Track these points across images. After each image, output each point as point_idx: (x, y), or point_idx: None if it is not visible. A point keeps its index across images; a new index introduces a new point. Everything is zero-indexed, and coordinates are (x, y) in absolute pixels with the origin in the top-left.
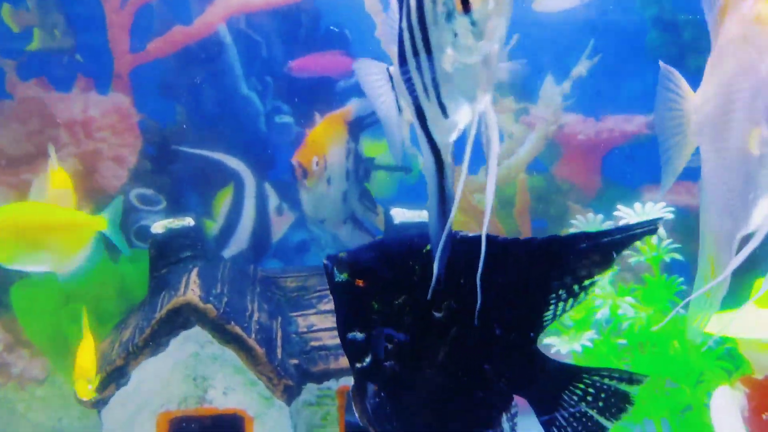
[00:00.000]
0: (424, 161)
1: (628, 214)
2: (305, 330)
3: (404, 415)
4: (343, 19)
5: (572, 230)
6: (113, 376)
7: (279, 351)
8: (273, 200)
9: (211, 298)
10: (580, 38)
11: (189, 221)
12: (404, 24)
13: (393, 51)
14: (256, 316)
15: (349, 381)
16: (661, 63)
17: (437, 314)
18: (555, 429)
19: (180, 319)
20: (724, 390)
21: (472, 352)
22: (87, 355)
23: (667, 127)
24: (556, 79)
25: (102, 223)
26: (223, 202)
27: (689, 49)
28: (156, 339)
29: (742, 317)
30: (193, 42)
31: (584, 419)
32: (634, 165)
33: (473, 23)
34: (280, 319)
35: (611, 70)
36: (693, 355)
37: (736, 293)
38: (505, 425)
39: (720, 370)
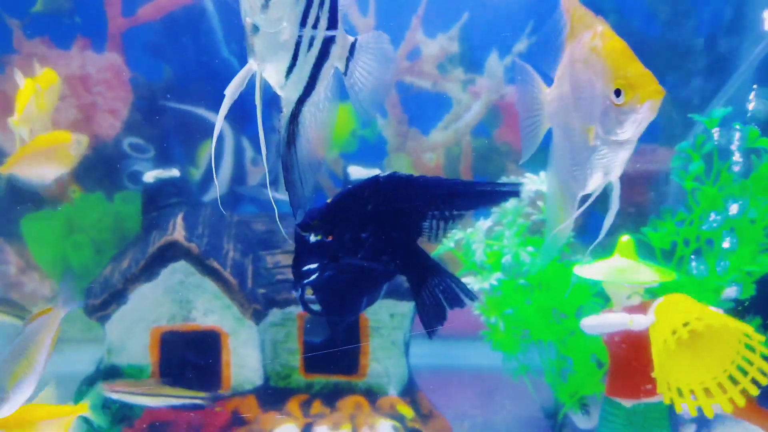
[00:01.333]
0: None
1: (533, 181)
2: (272, 266)
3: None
4: None
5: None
6: (114, 297)
7: (249, 282)
8: (249, 152)
9: (194, 238)
10: (522, 18)
11: (175, 172)
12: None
13: (358, 22)
14: (231, 253)
15: None
16: (516, 59)
17: (363, 234)
18: (419, 299)
19: (168, 254)
20: (591, 317)
21: (378, 248)
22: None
23: (527, 111)
24: (500, 54)
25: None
26: (205, 152)
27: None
28: (149, 269)
29: (606, 265)
30: (179, 8)
31: (436, 299)
32: None
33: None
34: (251, 256)
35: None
36: (576, 293)
37: (610, 246)
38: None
39: (594, 305)
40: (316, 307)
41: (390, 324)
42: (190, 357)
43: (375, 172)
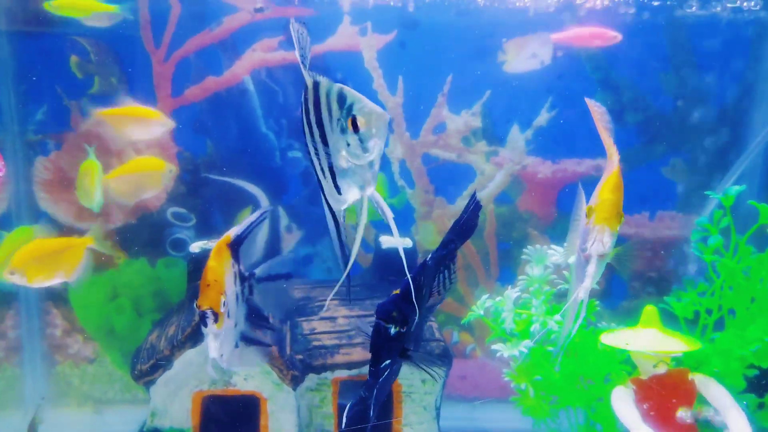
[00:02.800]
0: (327, 218)
1: (558, 252)
2: (308, 332)
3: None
4: (347, 72)
5: (523, 257)
6: (161, 363)
7: (288, 348)
8: (284, 220)
9: None
10: (541, 95)
11: None
12: (305, 118)
13: (387, 100)
14: (270, 322)
15: (341, 373)
16: (579, 186)
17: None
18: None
19: None
20: (619, 388)
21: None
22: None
23: (576, 215)
24: (521, 127)
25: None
26: (243, 220)
27: (628, 107)
28: (194, 336)
29: (631, 334)
30: (223, 89)
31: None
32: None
33: (360, 140)
34: (289, 323)
35: (566, 122)
36: (604, 361)
37: (635, 310)
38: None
39: (622, 372)
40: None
41: (422, 389)
42: (230, 421)
43: (406, 242)
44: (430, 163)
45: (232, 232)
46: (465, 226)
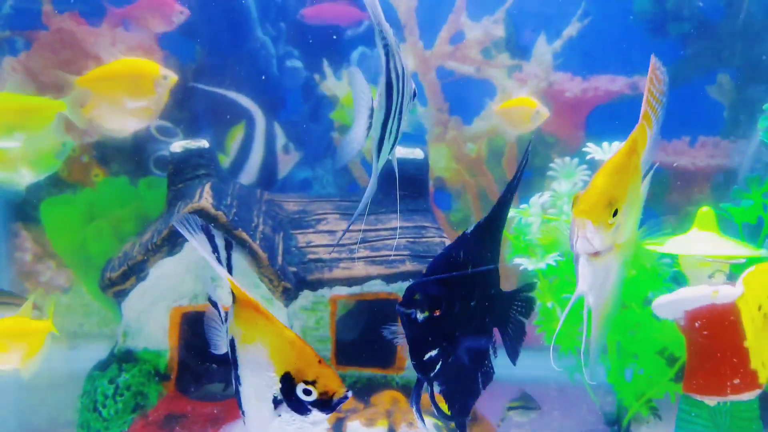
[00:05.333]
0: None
1: (596, 151)
2: (304, 245)
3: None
4: None
5: (550, 173)
6: (133, 270)
7: (279, 259)
8: (281, 139)
9: (222, 207)
10: (572, 2)
11: (204, 143)
12: (390, 102)
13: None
14: (260, 227)
15: (340, 290)
16: None
17: (471, 302)
18: (504, 329)
19: None
20: (664, 296)
21: (483, 311)
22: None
23: None
24: (549, 38)
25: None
26: (235, 138)
27: (671, 16)
28: (172, 239)
29: (683, 239)
30: None
31: (516, 323)
32: (616, 123)
33: None
34: (281, 233)
35: (600, 33)
36: (643, 278)
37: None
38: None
39: (665, 291)
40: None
41: None
42: None
43: (416, 152)
44: (445, 77)
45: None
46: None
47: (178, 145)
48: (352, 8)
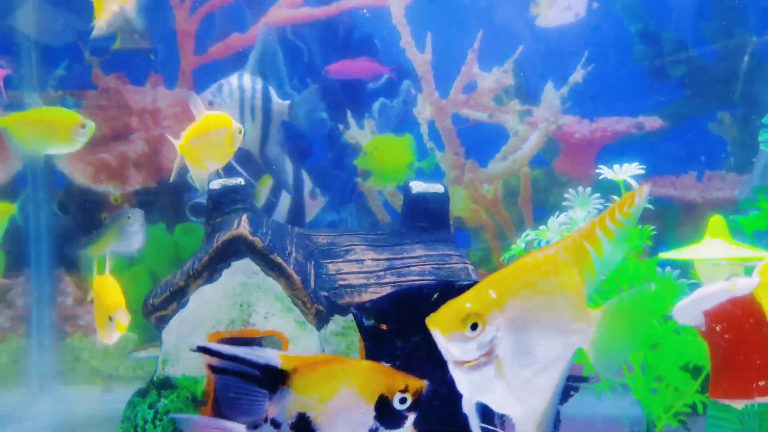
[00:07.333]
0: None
1: (607, 172)
2: (334, 272)
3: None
4: (374, 29)
5: (565, 203)
6: (175, 296)
7: (312, 284)
8: (307, 185)
9: (258, 234)
10: (576, 50)
11: (240, 181)
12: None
13: (416, 57)
14: (293, 255)
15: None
16: None
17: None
18: None
19: (232, 248)
20: (682, 300)
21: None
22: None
23: None
24: (556, 85)
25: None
26: (266, 185)
27: (669, 61)
28: (212, 265)
29: (697, 248)
30: (247, 47)
31: None
32: (623, 160)
33: None
34: (312, 262)
35: (603, 78)
36: (664, 293)
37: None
38: None
39: None
40: None
41: None
42: None
43: (437, 187)
44: (461, 123)
45: None
46: None
47: (216, 183)
48: (372, 64)
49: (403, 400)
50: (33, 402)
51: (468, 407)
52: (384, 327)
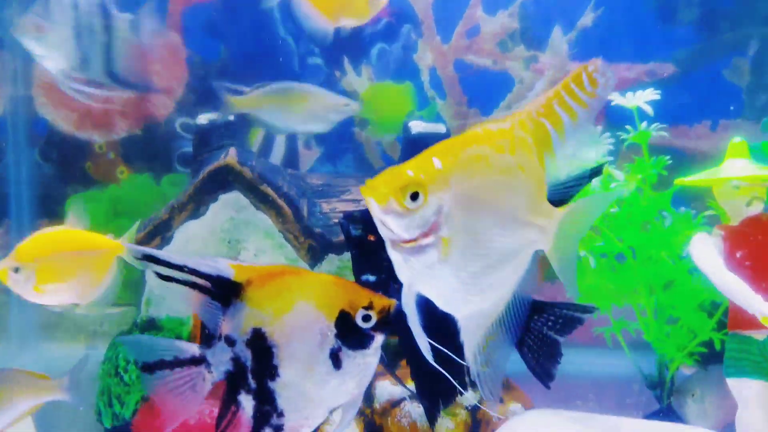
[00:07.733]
0: None
1: (618, 98)
2: (328, 211)
3: None
4: None
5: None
6: (159, 230)
7: (305, 219)
8: (302, 136)
9: (247, 164)
10: None
11: (230, 117)
12: None
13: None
14: (285, 189)
15: None
16: None
17: None
18: (525, 348)
19: (219, 178)
20: (702, 235)
21: None
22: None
23: None
24: (564, 29)
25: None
26: (258, 134)
27: (682, 4)
28: (198, 197)
29: (717, 170)
30: None
31: (544, 338)
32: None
33: None
34: (306, 199)
35: (614, 23)
36: (678, 224)
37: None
38: None
39: None
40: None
41: None
42: None
43: (439, 127)
44: (464, 70)
45: None
46: None
47: (204, 118)
48: None
49: (366, 318)
50: (13, 358)
51: (407, 298)
52: (372, 238)
